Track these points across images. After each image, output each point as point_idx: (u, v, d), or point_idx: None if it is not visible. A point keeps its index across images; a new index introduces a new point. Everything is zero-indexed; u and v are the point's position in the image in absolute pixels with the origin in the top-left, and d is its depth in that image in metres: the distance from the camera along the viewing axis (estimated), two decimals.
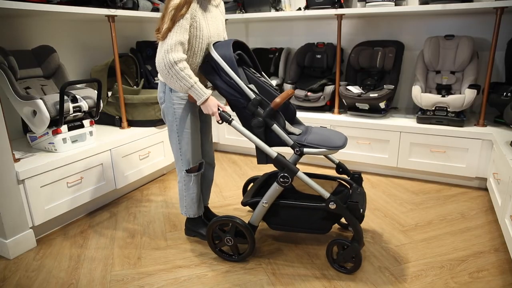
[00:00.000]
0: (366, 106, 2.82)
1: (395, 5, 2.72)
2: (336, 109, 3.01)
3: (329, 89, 3.00)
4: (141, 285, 1.68)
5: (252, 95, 1.64)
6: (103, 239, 2.06)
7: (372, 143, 2.81)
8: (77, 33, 2.83)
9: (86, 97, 2.24)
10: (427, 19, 3.00)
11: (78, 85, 2.36)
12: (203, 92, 1.62)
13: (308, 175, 1.94)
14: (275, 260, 1.83)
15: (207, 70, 1.70)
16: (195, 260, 1.86)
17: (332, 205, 1.61)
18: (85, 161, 2.21)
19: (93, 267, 1.82)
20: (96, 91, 2.30)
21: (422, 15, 2.99)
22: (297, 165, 1.70)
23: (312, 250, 1.91)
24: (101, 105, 2.33)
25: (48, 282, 1.71)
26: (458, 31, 2.91)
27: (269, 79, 1.91)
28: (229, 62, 1.63)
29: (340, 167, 1.95)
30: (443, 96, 2.55)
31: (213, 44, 1.69)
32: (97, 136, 2.46)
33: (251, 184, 2.31)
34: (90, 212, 2.39)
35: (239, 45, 1.83)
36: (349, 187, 1.93)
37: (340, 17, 2.83)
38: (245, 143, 3.30)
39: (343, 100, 2.91)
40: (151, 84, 3.14)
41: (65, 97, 2.10)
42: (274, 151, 1.66)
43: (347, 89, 2.85)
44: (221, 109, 1.67)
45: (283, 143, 1.67)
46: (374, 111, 2.84)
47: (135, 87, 2.98)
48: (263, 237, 2.03)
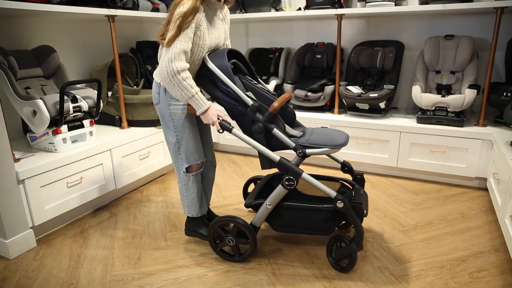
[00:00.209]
0: (366, 106, 2.82)
1: (395, 5, 2.72)
2: (336, 109, 3.01)
3: (329, 89, 3.00)
4: (141, 285, 1.68)
5: (250, 102, 1.65)
6: (103, 239, 2.06)
7: (372, 143, 2.81)
8: (77, 33, 2.83)
9: (86, 97, 2.24)
10: (427, 19, 3.00)
11: (78, 85, 2.36)
12: (203, 103, 1.64)
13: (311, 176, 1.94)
14: (275, 260, 1.83)
15: (204, 81, 1.72)
16: (195, 260, 1.86)
17: (340, 204, 1.60)
18: (85, 161, 2.21)
19: (93, 267, 1.82)
20: (96, 91, 2.30)
21: (422, 15, 2.99)
22: (299, 166, 1.70)
23: (312, 250, 1.91)
24: (101, 105, 2.33)
25: (48, 282, 1.71)
26: (458, 31, 2.91)
27: (266, 85, 1.91)
28: (225, 71, 1.65)
29: (345, 166, 1.95)
30: (443, 96, 2.55)
31: (208, 55, 1.71)
32: (97, 136, 2.46)
33: (251, 185, 2.31)
34: (90, 212, 2.39)
35: (233, 54, 1.85)
36: (351, 188, 1.93)
37: (340, 17, 2.83)
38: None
39: (343, 100, 2.91)
40: (151, 84, 3.14)
41: (65, 97, 2.10)
42: (277, 155, 1.66)
43: (347, 89, 2.85)
44: (220, 118, 1.68)
45: (285, 146, 1.67)
46: (374, 111, 2.84)
47: (135, 87, 2.98)
48: (263, 237, 2.03)
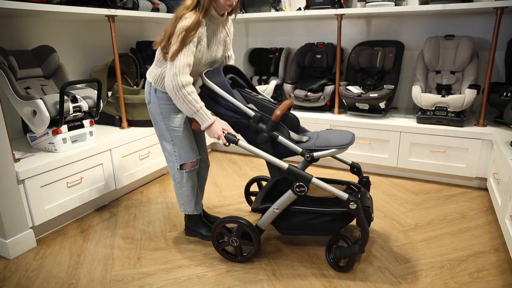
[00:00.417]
0: (366, 106, 2.82)
1: (395, 5, 2.72)
2: (336, 109, 3.01)
3: (329, 89, 3.00)
4: (141, 285, 1.68)
5: (251, 113, 1.67)
6: (103, 239, 2.06)
7: (372, 143, 2.81)
8: (77, 33, 2.83)
9: (86, 97, 2.24)
10: (427, 19, 3.00)
11: (78, 85, 2.36)
12: (207, 117, 1.66)
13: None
14: (275, 260, 1.83)
15: (205, 99, 1.74)
16: (195, 260, 1.86)
17: (353, 205, 1.60)
18: (85, 161, 2.21)
19: (93, 267, 1.82)
20: (96, 91, 2.30)
21: (422, 15, 2.99)
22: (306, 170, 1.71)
23: (312, 250, 1.91)
24: (101, 105, 2.33)
25: (48, 282, 1.71)
26: (458, 31, 2.91)
27: (266, 96, 1.94)
28: (223, 87, 1.68)
29: (354, 167, 1.94)
30: (443, 96, 2.55)
31: (204, 73, 1.74)
32: (97, 136, 2.46)
33: (253, 184, 2.31)
34: (90, 212, 2.39)
35: (230, 69, 1.88)
36: (357, 190, 1.92)
37: (340, 17, 2.83)
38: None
39: (343, 100, 2.91)
40: None
41: (65, 97, 2.10)
42: (285, 162, 1.66)
43: (347, 89, 2.85)
44: (226, 132, 1.70)
45: (292, 153, 1.67)
46: (374, 111, 2.84)
47: (135, 87, 2.98)
48: (263, 237, 2.03)
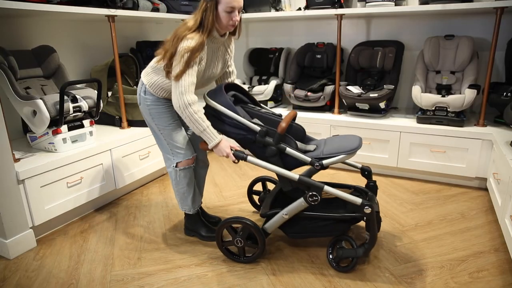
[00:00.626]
0: (366, 106, 2.82)
1: (395, 5, 2.72)
2: (336, 109, 3.01)
3: (329, 89, 3.00)
4: (141, 285, 1.68)
5: (257, 128, 1.68)
6: (103, 239, 2.06)
7: (372, 143, 2.81)
8: (77, 33, 2.82)
9: (86, 97, 2.24)
10: (427, 19, 3.00)
11: (78, 85, 2.36)
12: (214, 136, 1.68)
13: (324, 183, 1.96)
14: (275, 260, 1.83)
15: (210, 119, 1.76)
16: (195, 260, 1.86)
17: (368, 210, 1.60)
18: (85, 161, 2.21)
19: (93, 267, 1.82)
20: (96, 91, 2.30)
21: (422, 15, 2.99)
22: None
23: (312, 250, 1.91)
24: (101, 105, 2.33)
25: (48, 282, 1.71)
26: (458, 31, 2.91)
27: (270, 109, 1.96)
28: (227, 105, 1.71)
29: (365, 171, 1.94)
30: (443, 96, 2.55)
31: (207, 94, 1.77)
32: (97, 136, 2.46)
33: (257, 184, 2.31)
34: (90, 212, 2.39)
35: (231, 86, 1.92)
36: (364, 194, 1.92)
37: (340, 17, 2.83)
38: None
39: (343, 100, 2.91)
40: None
41: (65, 97, 2.10)
42: (295, 173, 1.66)
43: (347, 89, 2.85)
44: (233, 149, 1.71)
45: (301, 163, 1.68)
46: (374, 111, 2.84)
47: (135, 87, 2.98)
48: None
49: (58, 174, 2.06)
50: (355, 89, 2.84)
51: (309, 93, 3.05)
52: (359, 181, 2.80)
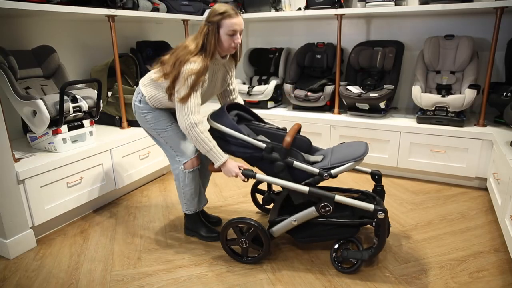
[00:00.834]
0: (366, 106, 2.82)
1: (395, 5, 2.72)
2: (336, 109, 3.01)
3: (329, 89, 3.00)
4: (141, 285, 1.68)
5: (262, 145, 1.69)
6: (103, 239, 2.06)
7: (372, 143, 2.81)
8: (77, 33, 2.83)
9: (86, 97, 2.24)
10: (427, 19, 3.00)
11: (78, 85, 2.36)
12: (220, 156, 1.71)
13: (330, 189, 1.96)
14: (275, 260, 1.83)
15: (216, 141, 1.76)
16: (195, 260, 1.86)
17: (381, 215, 1.60)
18: (85, 161, 2.21)
19: (93, 267, 1.82)
20: (96, 91, 2.30)
21: (422, 15, 2.99)
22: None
23: (312, 250, 1.90)
24: (101, 105, 2.33)
25: (48, 282, 1.71)
26: (458, 31, 2.91)
27: (274, 124, 1.97)
28: (230, 126, 1.73)
29: (376, 175, 1.94)
30: (443, 96, 2.55)
31: (210, 116, 1.80)
32: (97, 136, 2.46)
33: (260, 185, 2.31)
34: (90, 212, 2.39)
35: (233, 106, 1.94)
36: (371, 198, 1.91)
37: (340, 17, 2.83)
38: None
39: (343, 100, 2.91)
40: None
41: (65, 97, 2.10)
42: (305, 186, 1.67)
43: (347, 89, 2.85)
44: (242, 169, 1.73)
45: (310, 175, 1.68)
46: (374, 111, 2.84)
47: (135, 87, 2.98)
48: None
49: (58, 174, 2.06)
50: (355, 89, 2.85)
51: (309, 93, 3.05)
52: (360, 181, 2.80)
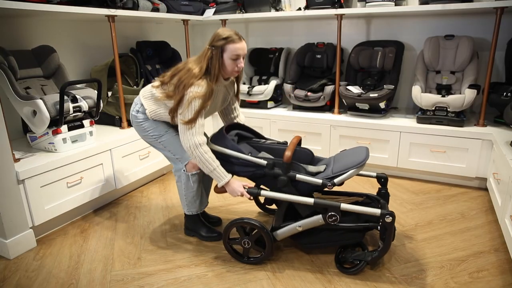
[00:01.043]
0: (366, 106, 2.82)
1: (395, 5, 2.72)
2: (336, 109, 3.01)
3: (329, 89, 3.00)
4: (141, 285, 1.68)
5: (264, 162, 1.70)
6: (103, 239, 2.06)
7: (372, 143, 2.81)
8: (77, 33, 2.83)
9: (86, 97, 2.24)
10: (427, 19, 3.00)
11: (78, 85, 2.36)
12: (224, 175, 1.72)
13: (335, 194, 1.97)
14: (275, 260, 1.83)
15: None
16: (195, 260, 1.86)
17: (388, 219, 1.60)
18: (85, 161, 2.21)
19: (93, 267, 1.82)
20: (96, 91, 2.30)
21: (422, 15, 2.99)
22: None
23: (312, 250, 1.90)
24: (101, 105, 2.33)
25: (48, 282, 1.71)
26: (458, 31, 2.91)
27: (274, 139, 1.99)
28: (230, 146, 1.75)
29: (382, 178, 1.93)
30: (443, 96, 2.55)
31: (210, 140, 1.83)
32: (97, 136, 2.46)
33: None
34: (90, 212, 2.39)
35: (232, 126, 1.97)
36: (376, 202, 1.90)
37: (340, 17, 2.83)
38: None
39: (343, 100, 2.91)
40: None
41: (65, 97, 2.10)
42: (310, 198, 1.67)
43: (347, 89, 2.85)
44: (246, 187, 1.74)
45: (314, 186, 1.69)
46: (374, 111, 2.84)
47: (135, 87, 2.98)
48: None
49: (58, 174, 2.06)
50: (355, 89, 2.85)
51: (309, 93, 3.05)
52: (360, 181, 2.80)
